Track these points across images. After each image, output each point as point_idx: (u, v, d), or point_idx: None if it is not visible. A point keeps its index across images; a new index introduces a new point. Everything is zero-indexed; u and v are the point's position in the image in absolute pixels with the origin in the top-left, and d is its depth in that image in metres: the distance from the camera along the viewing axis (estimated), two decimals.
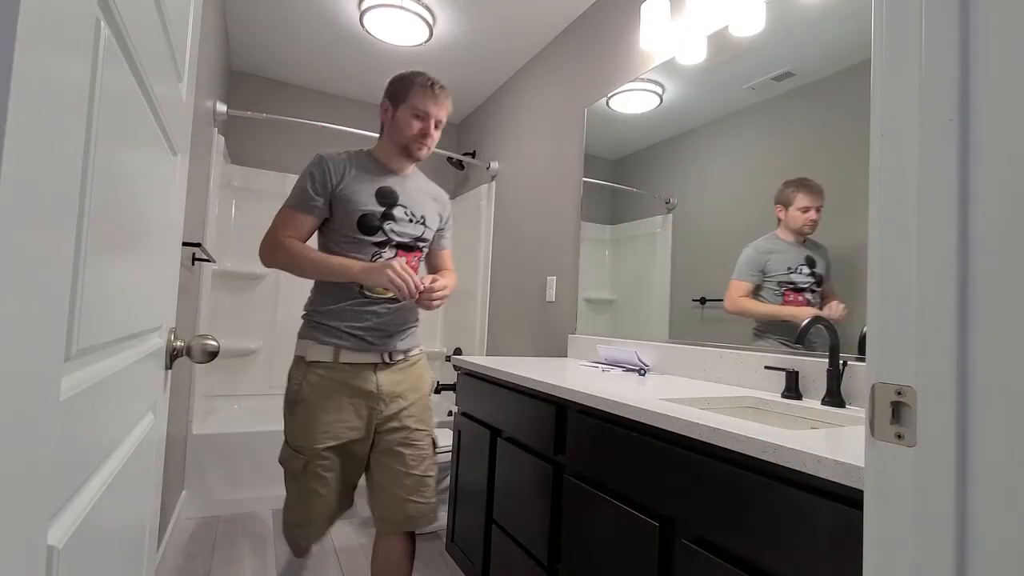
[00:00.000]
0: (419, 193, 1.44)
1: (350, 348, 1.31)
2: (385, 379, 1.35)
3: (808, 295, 1.33)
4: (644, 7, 1.81)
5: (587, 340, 2.11)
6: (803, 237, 1.36)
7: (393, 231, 1.37)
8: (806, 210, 1.37)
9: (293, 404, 1.32)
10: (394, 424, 1.36)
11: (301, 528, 1.33)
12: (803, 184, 1.38)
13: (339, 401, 1.31)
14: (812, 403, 1.18)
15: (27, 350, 0.33)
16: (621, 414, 1.07)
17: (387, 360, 1.36)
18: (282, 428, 2.52)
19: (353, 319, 1.32)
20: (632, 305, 1.92)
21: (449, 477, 2.29)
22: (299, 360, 1.34)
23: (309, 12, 2.52)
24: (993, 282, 0.41)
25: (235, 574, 1.90)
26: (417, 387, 1.43)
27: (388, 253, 1.37)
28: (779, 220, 1.41)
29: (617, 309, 1.99)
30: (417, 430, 1.39)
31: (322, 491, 1.31)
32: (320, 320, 1.33)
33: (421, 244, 1.44)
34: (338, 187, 1.33)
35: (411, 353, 1.43)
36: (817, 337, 1.27)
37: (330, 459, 1.31)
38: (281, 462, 1.35)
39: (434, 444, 1.43)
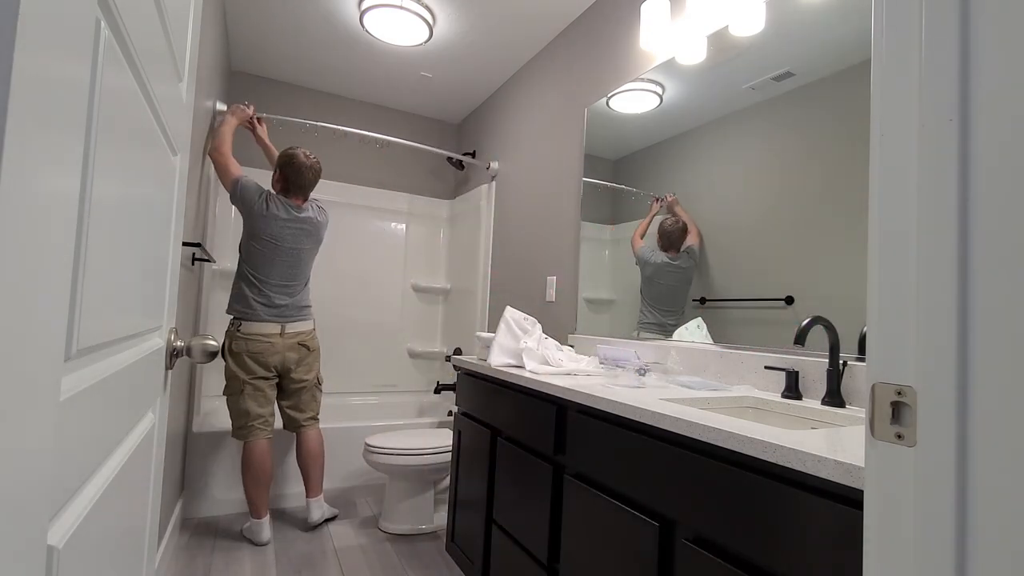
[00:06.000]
0: None
1: None
2: None
3: None
4: (644, 7, 1.81)
5: (587, 340, 2.11)
6: None
7: None
8: None
9: None
10: None
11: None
12: None
13: None
14: (812, 403, 1.18)
15: (27, 350, 0.33)
16: (621, 414, 1.07)
17: None
18: (283, 427, 2.54)
19: None
20: (632, 305, 1.92)
21: (449, 477, 2.29)
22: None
23: (309, 12, 2.52)
24: (993, 282, 0.41)
25: (235, 574, 1.90)
26: None
27: None
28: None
29: (617, 309, 1.99)
30: None
31: None
32: None
33: None
34: None
35: None
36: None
37: None
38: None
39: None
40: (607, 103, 2.15)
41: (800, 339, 1.12)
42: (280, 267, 2.17)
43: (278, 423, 2.65)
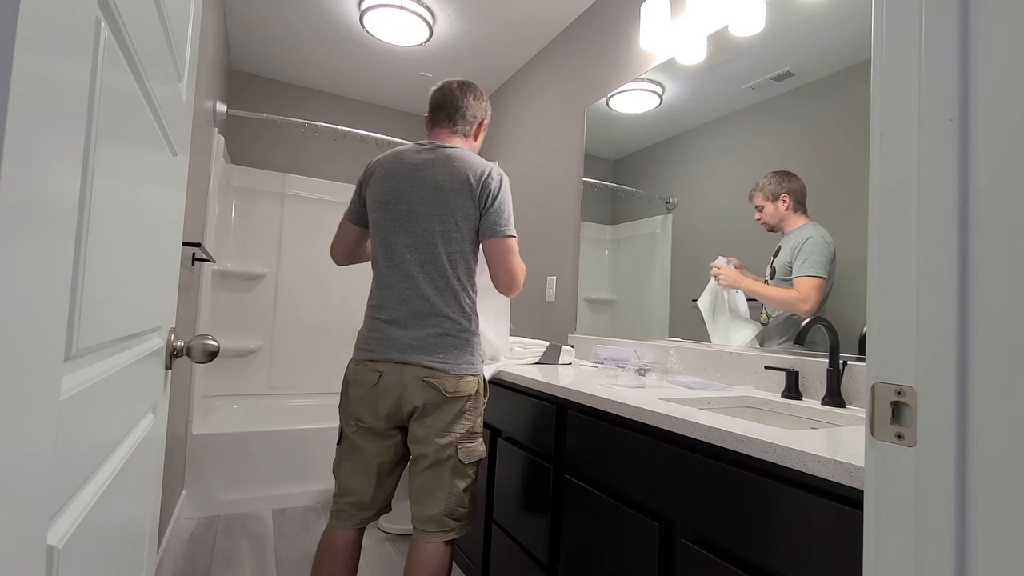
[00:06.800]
0: None
1: None
2: None
3: (772, 282, 1.39)
4: (644, 7, 1.81)
5: (587, 340, 2.11)
6: (773, 229, 1.41)
7: None
8: (755, 212, 1.46)
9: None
10: None
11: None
12: (755, 187, 1.47)
13: None
14: (812, 403, 1.18)
15: (27, 350, 0.33)
16: (621, 414, 1.07)
17: None
18: (283, 428, 2.53)
19: None
20: (632, 305, 1.92)
21: None
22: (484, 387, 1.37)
23: (309, 12, 2.52)
24: (993, 282, 0.41)
25: (235, 574, 1.90)
26: None
27: None
28: None
29: (617, 309, 1.99)
30: None
31: None
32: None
33: None
34: None
35: None
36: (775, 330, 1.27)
37: None
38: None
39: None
40: (607, 103, 2.15)
41: (800, 339, 1.12)
42: (390, 244, 1.32)
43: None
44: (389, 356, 1.27)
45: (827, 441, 0.78)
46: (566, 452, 1.28)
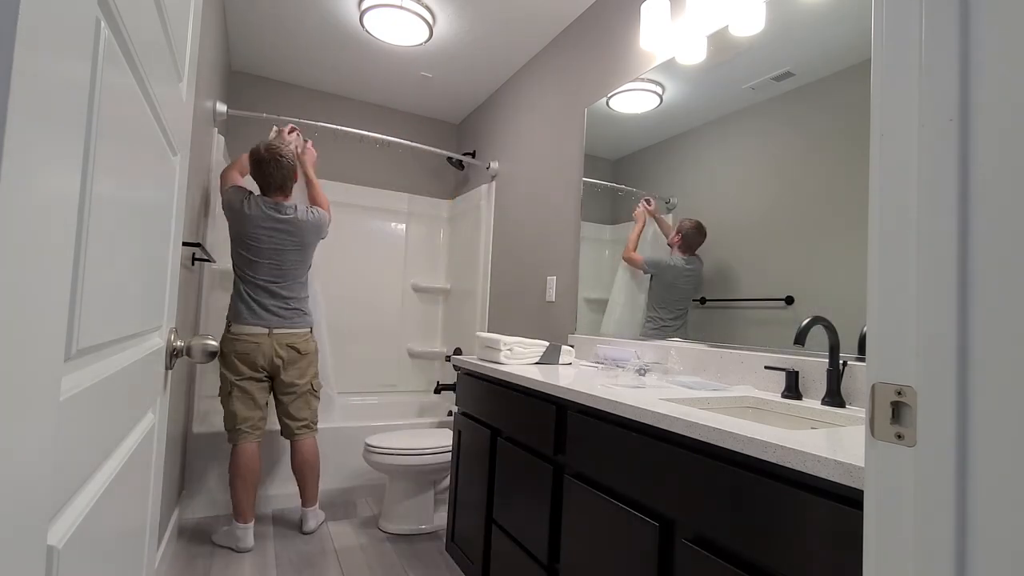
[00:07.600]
0: None
1: None
2: None
3: None
4: (644, 7, 1.81)
5: (587, 340, 2.11)
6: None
7: None
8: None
9: None
10: None
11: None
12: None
13: None
14: (812, 403, 1.18)
15: (27, 350, 0.33)
16: (621, 414, 1.07)
17: None
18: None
19: None
20: (631, 305, 1.92)
21: (449, 477, 2.29)
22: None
23: (309, 12, 2.52)
24: (993, 282, 0.41)
25: (235, 574, 1.90)
26: None
27: None
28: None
29: (617, 309, 1.99)
30: None
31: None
32: None
33: None
34: None
35: None
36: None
37: None
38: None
39: None
40: (607, 103, 2.15)
41: (800, 339, 1.12)
42: (263, 268, 2.13)
43: (273, 426, 2.57)
44: None
45: (827, 441, 0.78)
46: (566, 452, 1.28)
